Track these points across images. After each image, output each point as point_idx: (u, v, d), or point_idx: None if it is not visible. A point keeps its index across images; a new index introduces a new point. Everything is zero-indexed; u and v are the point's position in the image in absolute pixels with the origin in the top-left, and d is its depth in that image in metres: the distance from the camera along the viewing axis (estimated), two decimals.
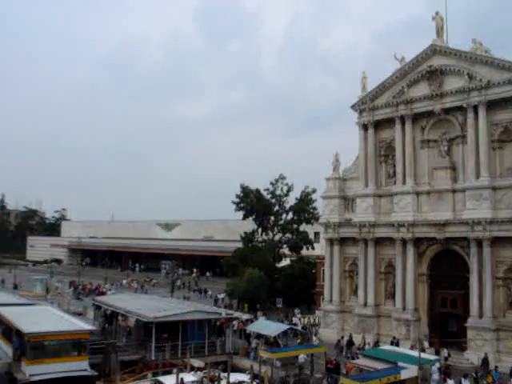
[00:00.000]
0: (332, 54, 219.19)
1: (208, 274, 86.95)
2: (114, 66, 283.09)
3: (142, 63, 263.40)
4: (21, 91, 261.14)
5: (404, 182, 43.32)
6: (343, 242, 47.76)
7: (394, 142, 44.44)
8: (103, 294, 66.64)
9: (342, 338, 42.58)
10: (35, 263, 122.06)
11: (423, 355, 30.51)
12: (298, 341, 41.25)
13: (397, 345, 38.48)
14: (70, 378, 30.52)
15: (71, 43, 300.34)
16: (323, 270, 51.54)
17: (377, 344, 40.85)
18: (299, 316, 52.91)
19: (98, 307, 46.67)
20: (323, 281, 50.96)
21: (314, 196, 65.69)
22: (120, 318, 41.61)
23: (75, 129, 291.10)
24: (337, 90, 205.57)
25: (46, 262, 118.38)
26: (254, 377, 29.90)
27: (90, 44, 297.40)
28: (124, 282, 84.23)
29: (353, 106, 47.35)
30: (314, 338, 43.71)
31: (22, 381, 29.63)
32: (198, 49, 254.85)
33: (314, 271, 60.51)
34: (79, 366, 31.45)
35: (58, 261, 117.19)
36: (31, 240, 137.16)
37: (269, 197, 68.03)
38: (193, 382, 29.76)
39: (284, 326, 41.79)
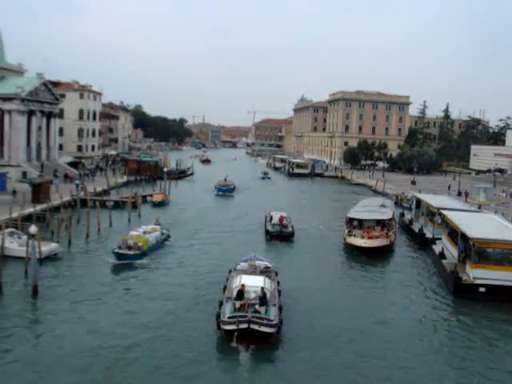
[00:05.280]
0: None
1: None
2: None
3: None
4: None
5: None
6: None
7: None
8: None
9: None
10: (478, 172, 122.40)
11: None
12: None
13: None
14: None
15: None
16: None
17: None
18: None
19: None
20: None
21: None
22: None
23: None
24: None
25: (488, 170, 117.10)
26: None
27: None
28: None
29: None
30: None
31: (467, 282, 31.32)
32: None
33: None
34: None
35: (501, 170, 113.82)
36: (474, 149, 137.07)
37: None
38: None
39: None
